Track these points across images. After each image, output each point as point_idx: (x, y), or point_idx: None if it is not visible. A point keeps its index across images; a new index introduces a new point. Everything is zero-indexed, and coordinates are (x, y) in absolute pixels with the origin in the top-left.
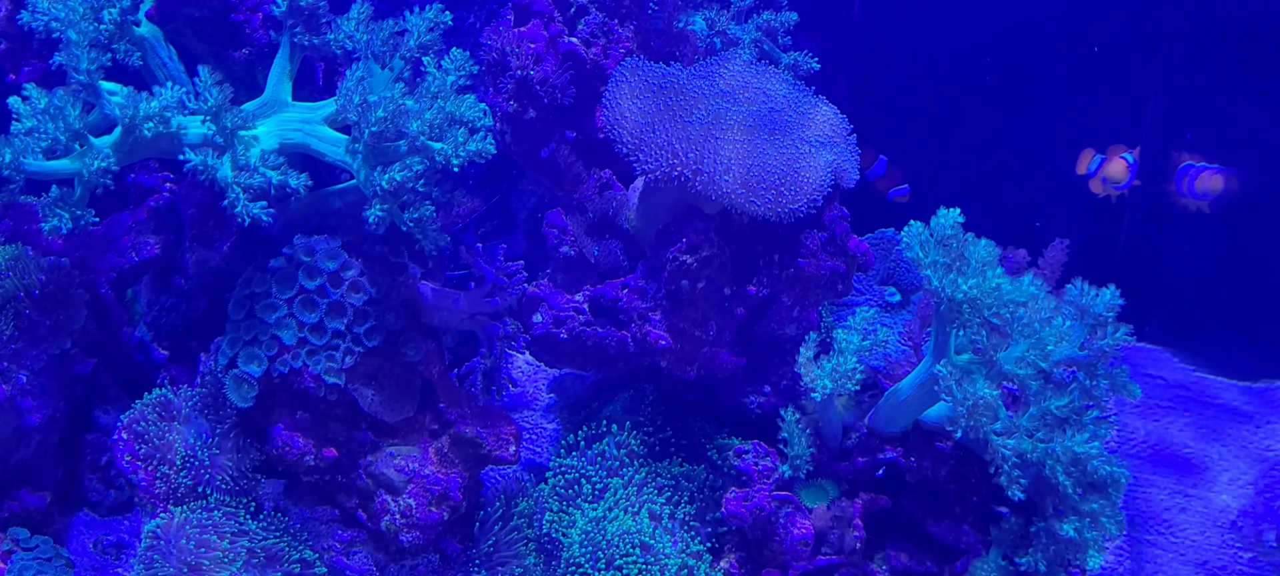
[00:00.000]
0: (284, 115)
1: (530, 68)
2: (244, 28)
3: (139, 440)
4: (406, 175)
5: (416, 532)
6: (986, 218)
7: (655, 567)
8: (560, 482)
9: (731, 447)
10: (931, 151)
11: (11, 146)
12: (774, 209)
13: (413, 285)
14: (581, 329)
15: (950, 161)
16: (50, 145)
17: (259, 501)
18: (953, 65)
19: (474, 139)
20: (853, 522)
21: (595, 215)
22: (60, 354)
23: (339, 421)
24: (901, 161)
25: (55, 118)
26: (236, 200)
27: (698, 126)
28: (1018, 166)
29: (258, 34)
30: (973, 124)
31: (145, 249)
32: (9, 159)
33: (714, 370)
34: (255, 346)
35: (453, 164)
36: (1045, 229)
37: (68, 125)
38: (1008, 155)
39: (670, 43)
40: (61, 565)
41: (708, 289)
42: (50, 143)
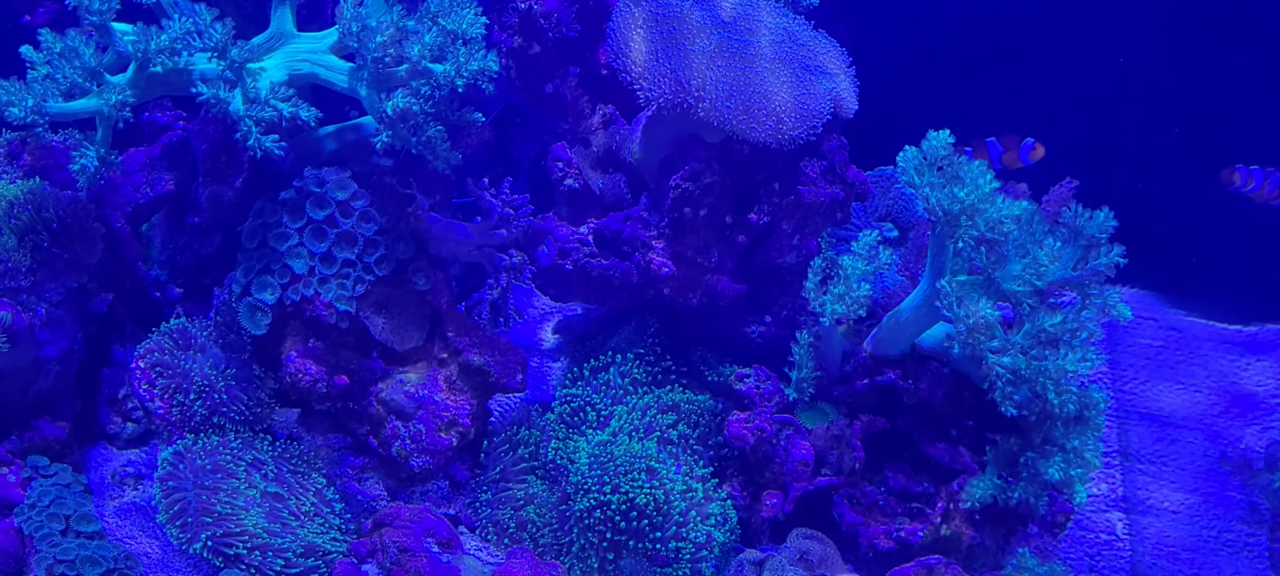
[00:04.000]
0: (292, 46)
1: (534, 2)
2: None
3: (156, 369)
4: (411, 100)
5: (426, 457)
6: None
7: (660, 490)
8: (566, 411)
9: (733, 374)
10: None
11: (32, 91)
12: (775, 136)
13: (421, 215)
14: (586, 260)
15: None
16: (68, 87)
17: (273, 429)
18: (950, 16)
19: (475, 57)
20: (852, 443)
21: (599, 149)
22: (77, 287)
23: (350, 349)
24: (884, 101)
25: (71, 59)
26: (249, 133)
27: (700, 56)
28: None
29: None
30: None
31: (160, 184)
32: (31, 104)
33: (716, 297)
34: (268, 274)
35: (456, 84)
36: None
37: (84, 64)
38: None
39: None
40: (80, 492)
41: (709, 217)
42: (68, 85)
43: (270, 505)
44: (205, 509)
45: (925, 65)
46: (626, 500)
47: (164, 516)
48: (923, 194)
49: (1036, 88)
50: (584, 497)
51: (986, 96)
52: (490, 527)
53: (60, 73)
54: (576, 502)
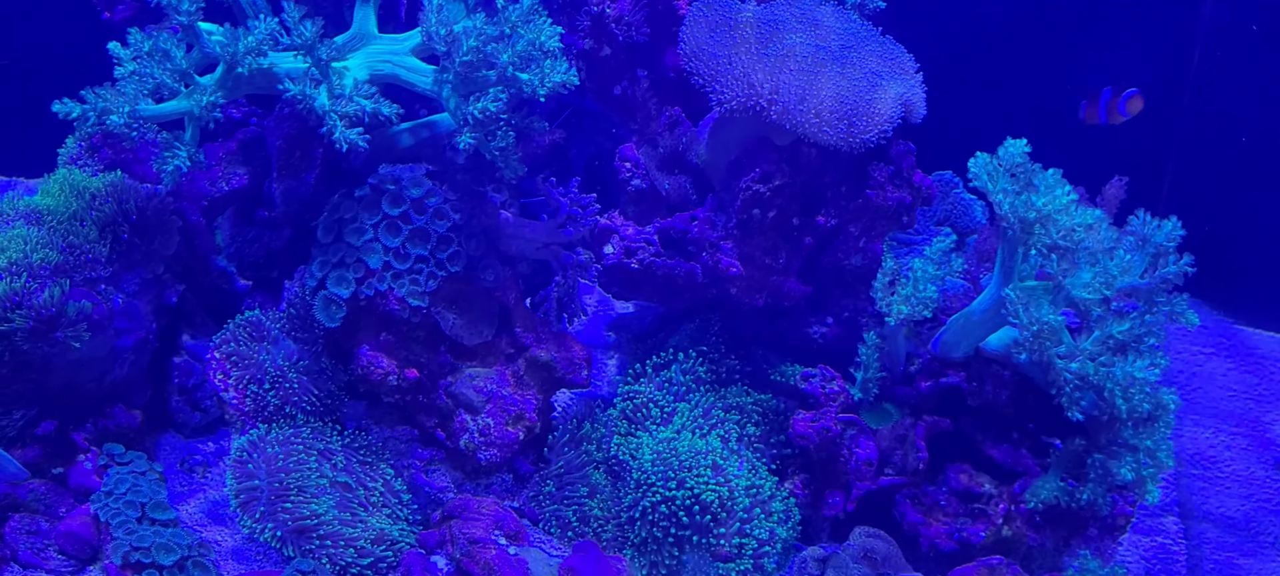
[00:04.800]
0: (372, 47)
1: (607, 4)
2: None
3: (231, 359)
4: (497, 105)
5: (494, 451)
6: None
7: (725, 488)
8: (628, 407)
9: (795, 373)
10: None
11: (126, 97)
12: (846, 139)
13: (492, 213)
14: (651, 259)
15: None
16: (155, 88)
17: (342, 420)
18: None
19: (558, 70)
20: (916, 443)
21: (665, 150)
22: (153, 278)
23: (420, 343)
24: (941, 107)
25: (162, 60)
26: (334, 128)
27: (773, 59)
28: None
29: None
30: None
31: (235, 178)
32: (128, 110)
33: (781, 298)
34: (343, 269)
35: (539, 94)
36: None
37: (176, 66)
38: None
39: None
40: (155, 479)
41: (778, 218)
42: (155, 85)
43: (340, 495)
44: (277, 497)
45: (976, 69)
46: (692, 495)
47: (236, 504)
48: (995, 200)
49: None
50: (648, 492)
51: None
52: (554, 521)
53: (149, 73)
54: (640, 497)
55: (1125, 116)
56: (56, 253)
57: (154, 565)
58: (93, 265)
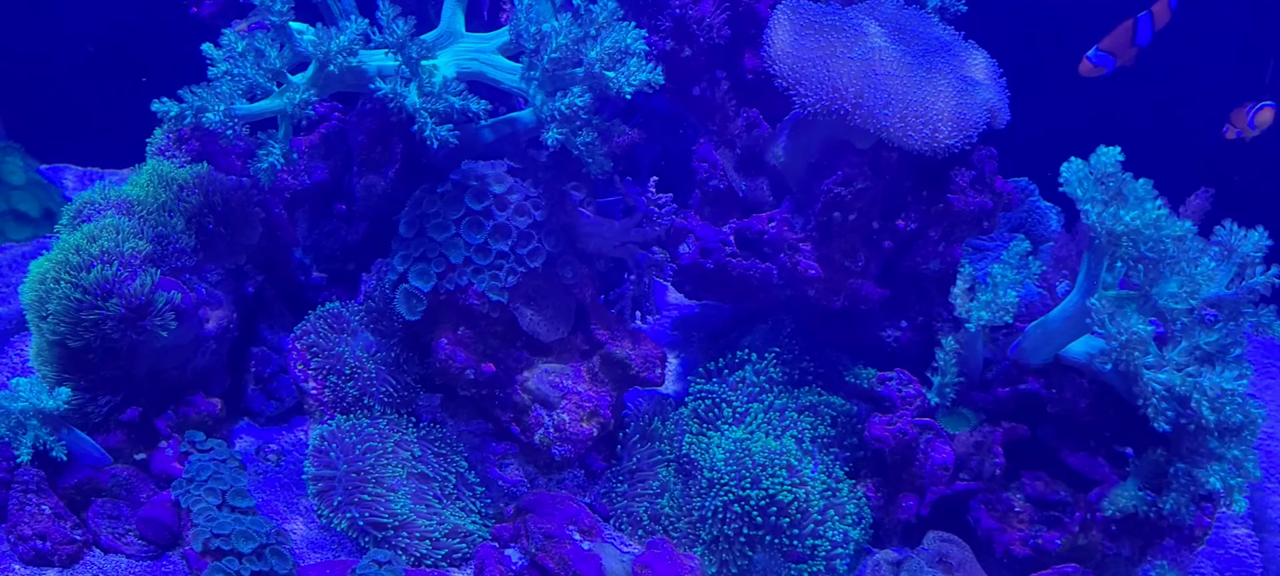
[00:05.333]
0: (459, 45)
1: (689, 7)
2: None
3: (311, 350)
4: (583, 101)
5: (568, 446)
6: None
7: (800, 489)
8: (700, 406)
9: (869, 376)
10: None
11: (222, 96)
12: (930, 144)
13: (572, 211)
14: (727, 260)
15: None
16: (248, 87)
17: (418, 413)
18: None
19: (644, 69)
20: (993, 450)
21: (743, 151)
22: (235, 268)
23: (497, 338)
24: (1014, 112)
25: (256, 60)
26: (425, 125)
27: (857, 63)
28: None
29: None
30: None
31: (316, 172)
32: (224, 108)
33: (859, 301)
34: (425, 263)
35: (624, 92)
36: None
37: (270, 66)
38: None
39: None
40: (235, 467)
41: (858, 221)
42: (249, 85)
43: (416, 486)
44: (354, 487)
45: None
46: (767, 496)
47: (314, 493)
48: (1084, 208)
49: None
50: (721, 491)
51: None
52: (624, 518)
53: (243, 72)
54: (712, 496)
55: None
56: (147, 242)
57: (233, 552)
58: (180, 255)
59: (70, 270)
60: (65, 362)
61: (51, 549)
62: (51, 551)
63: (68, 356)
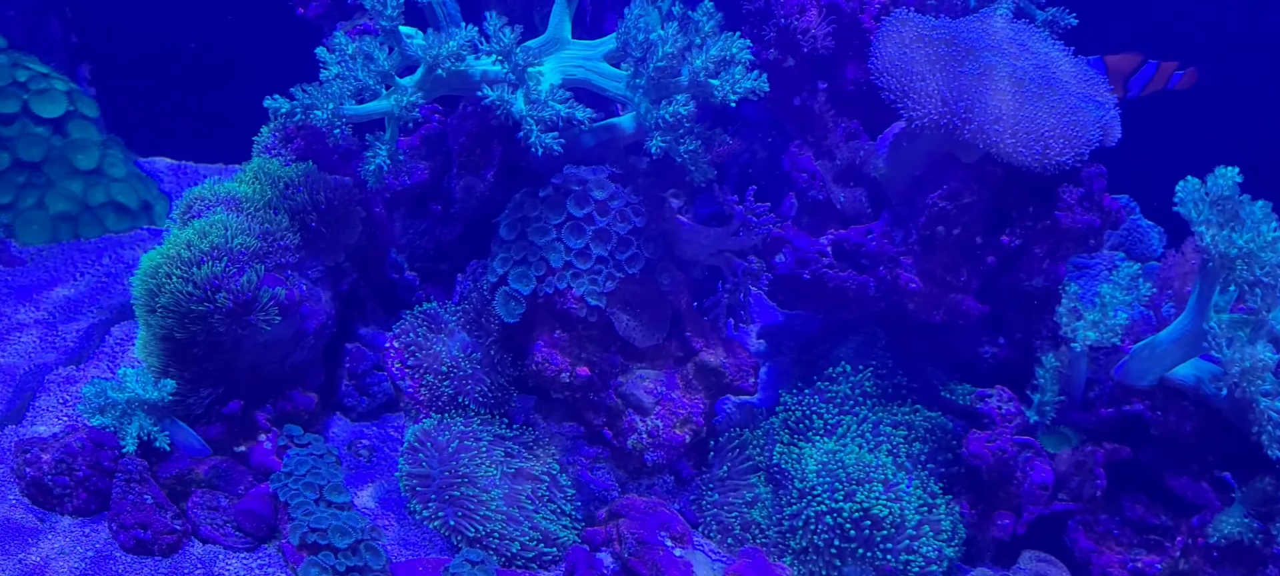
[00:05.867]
0: (565, 52)
1: (794, 17)
2: None
3: (408, 349)
4: (687, 110)
5: (661, 452)
6: None
7: (896, 504)
8: (791, 417)
9: (966, 392)
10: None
11: (331, 95)
12: (1040, 161)
13: (671, 218)
14: (824, 270)
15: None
16: (357, 89)
17: (511, 414)
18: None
19: (748, 77)
20: (1094, 471)
21: (842, 162)
22: (334, 266)
23: (593, 342)
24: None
25: (366, 63)
26: (530, 132)
27: (968, 77)
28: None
29: None
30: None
31: (417, 173)
32: (332, 108)
33: (959, 316)
34: (526, 266)
35: (729, 100)
36: None
37: (380, 69)
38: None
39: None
40: (331, 462)
41: (962, 236)
42: (358, 87)
43: (508, 486)
44: (448, 486)
45: None
46: (861, 509)
47: (408, 490)
48: (1198, 230)
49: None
50: (812, 502)
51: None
52: (714, 525)
53: (353, 74)
54: (803, 507)
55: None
56: (254, 239)
57: (330, 547)
58: (284, 252)
59: (181, 265)
60: (170, 354)
61: (152, 538)
62: (152, 540)
63: (174, 348)
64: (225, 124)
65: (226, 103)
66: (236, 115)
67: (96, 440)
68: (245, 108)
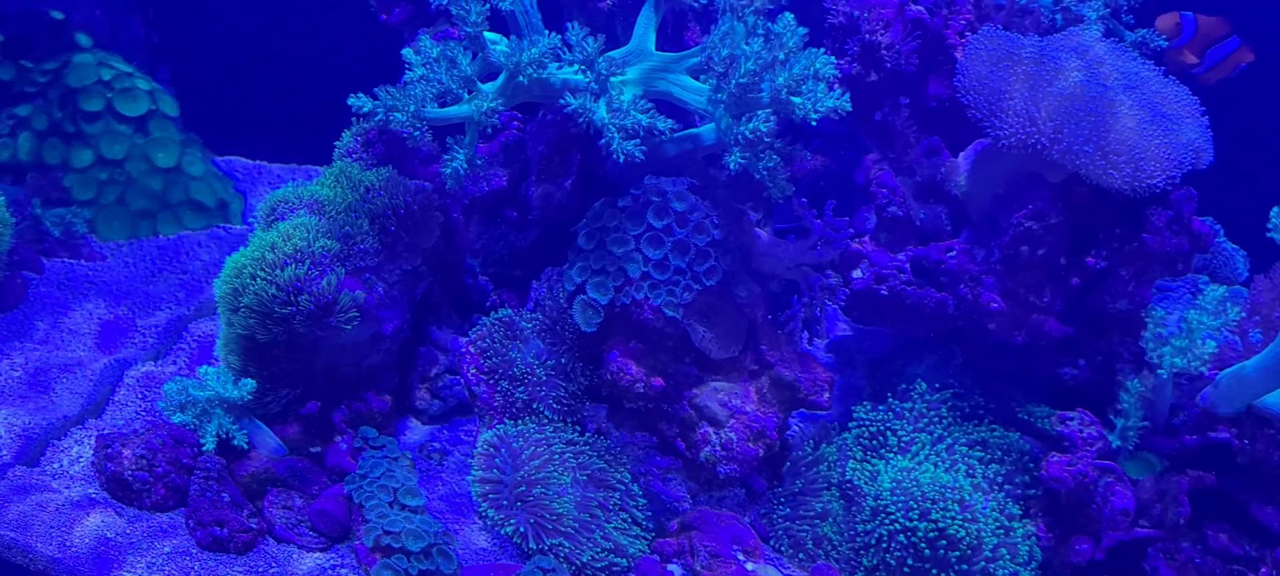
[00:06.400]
0: (648, 64)
1: (878, 33)
2: None
3: (484, 355)
4: (768, 126)
5: (734, 465)
6: None
7: (972, 525)
8: (864, 433)
9: (1044, 414)
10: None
11: (413, 99)
12: (1130, 183)
13: (749, 231)
14: (902, 287)
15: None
16: (439, 93)
17: (583, 422)
18: None
19: (831, 95)
20: (1178, 498)
21: (922, 179)
22: (411, 270)
23: (668, 353)
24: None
25: (449, 67)
26: (611, 140)
27: (1058, 97)
28: None
29: None
30: None
31: (495, 180)
32: (413, 110)
33: (1040, 337)
34: (604, 276)
35: (810, 117)
36: None
37: (462, 73)
38: None
39: (1010, 16)
40: (406, 465)
41: (1046, 257)
42: (440, 90)
43: (580, 494)
44: (520, 493)
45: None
46: (937, 529)
47: (480, 495)
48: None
49: None
50: (885, 521)
51: None
52: (785, 540)
53: (436, 78)
54: (876, 525)
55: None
56: (335, 242)
57: (403, 550)
58: (363, 255)
59: (265, 266)
60: (251, 354)
61: (228, 536)
62: (228, 538)
63: (254, 348)
64: (298, 125)
65: (300, 104)
66: (309, 116)
67: (177, 437)
68: (318, 109)
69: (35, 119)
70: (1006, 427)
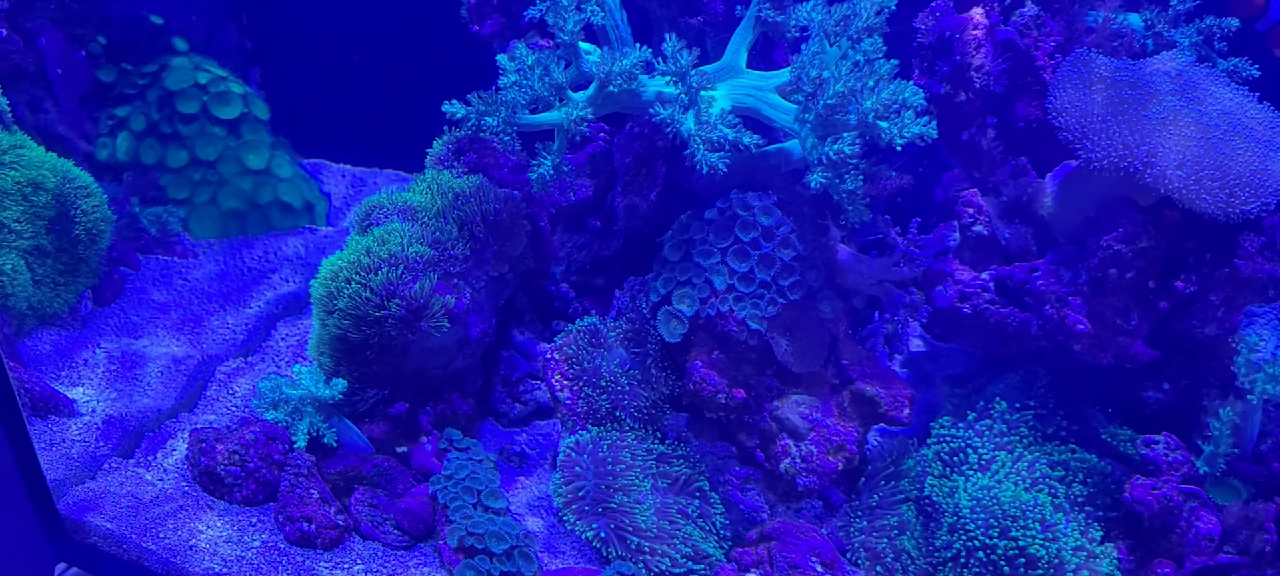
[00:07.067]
0: (738, 81)
1: (970, 54)
2: None
3: (568, 361)
4: (852, 149)
5: (813, 478)
6: None
7: (1053, 545)
8: (944, 449)
9: (1126, 437)
10: None
11: (505, 104)
12: (1223, 209)
13: (833, 247)
14: (985, 306)
15: None
16: (531, 99)
17: (663, 430)
18: None
19: (918, 122)
20: (1264, 525)
21: (1008, 199)
22: (498, 276)
23: (750, 365)
24: None
25: (542, 74)
26: (697, 150)
27: (1152, 122)
28: None
29: (714, 4)
30: None
31: (581, 190)
32: (505, 115)
33: (1126, 360)
34: (689, 287)
35: (896, 143)
36: None
37: (554, 81)
38: None
39: (1101, 39)
40: (489, 468)
41: (1135, 280)
42: (532, 97)
43: (660, 501)
44: (602, 499)
45: None
46: (1017, 547)
47: (562, 500)
48: None
49: None
50: (964, 537)
51: None
52: (862, 553)
53: (529, 84)
54: (954, 541)
55: None
56: (427, 247)
57: (485, 551)
58: (453, 261)
59: (360, 271)
60: (343, 355)
61: (316, 532)
62: (316, 534)
63: (347, 349)
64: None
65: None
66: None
67: (269, 433)
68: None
69: (134, 120)
70: (1087, 448)
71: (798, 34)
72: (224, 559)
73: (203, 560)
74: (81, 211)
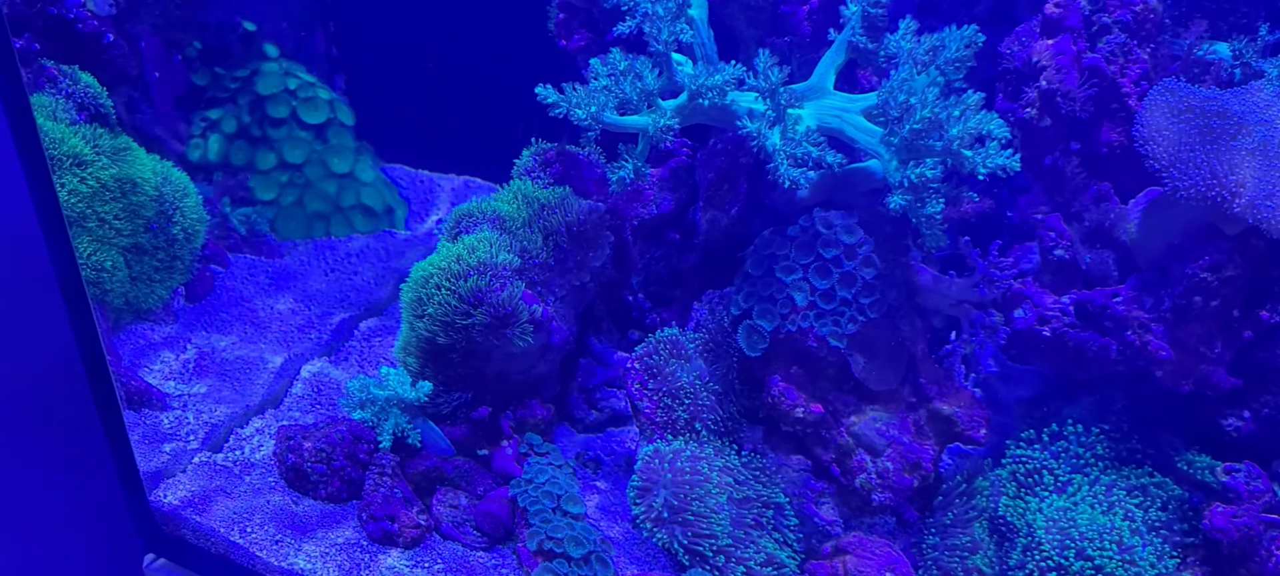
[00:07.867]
0: (824, 101)
1: (1056, 79)
2: (789, 19)
3: (649, 371)
4: (934, 174)
5: (889, 494)
6: None
7: (1130, 567)
8: (1019, 470)
9: (1205, 464)
10: None
11: (595, 100)
12: None
13: (913, 266)
14: (1064, 329)
15: None
16: (620, 103)
17: (739, 442)
18: None
19: (1001, 154)
20: None
21: (1090, 224)
22: (579, 285)
23: (828, 381)
24: None
25: (634, 79)
26: (780, 165)
27: (1241, 153)
28: None
29: (801, 25)
30: None
31: (664, 203)
32: (594, 110)
33: (1208, 387)
34: (770, 303)
35: (978, 172)
36: None
37: (645, 86)
38: None
39: (1187, 67)
40: (568, 473)
41: (1219, 308)
42: (620, 101)
43: (735, 511)
44: (679, 507)
45: None
46: (1094, 567)
47: (639, 508)
48: None
49: None
50: (1038, 558)
51: None
52: (935, 570)
53: (619, 88)
54: (1026, 560)
55: None
56: (514, 256)
57: (564, 556)
58: (537, 269)
59: (450, 277)
60: (429, 358)
61: (397, 530)
62: (397, 532)
63: (433, 353)
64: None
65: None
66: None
67: (355, 433)
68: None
69: (225, 122)
70: (1164, 474)
71: (886, 63)
72: (308, 554)
73: (287, 556)
74: (180, 211)
